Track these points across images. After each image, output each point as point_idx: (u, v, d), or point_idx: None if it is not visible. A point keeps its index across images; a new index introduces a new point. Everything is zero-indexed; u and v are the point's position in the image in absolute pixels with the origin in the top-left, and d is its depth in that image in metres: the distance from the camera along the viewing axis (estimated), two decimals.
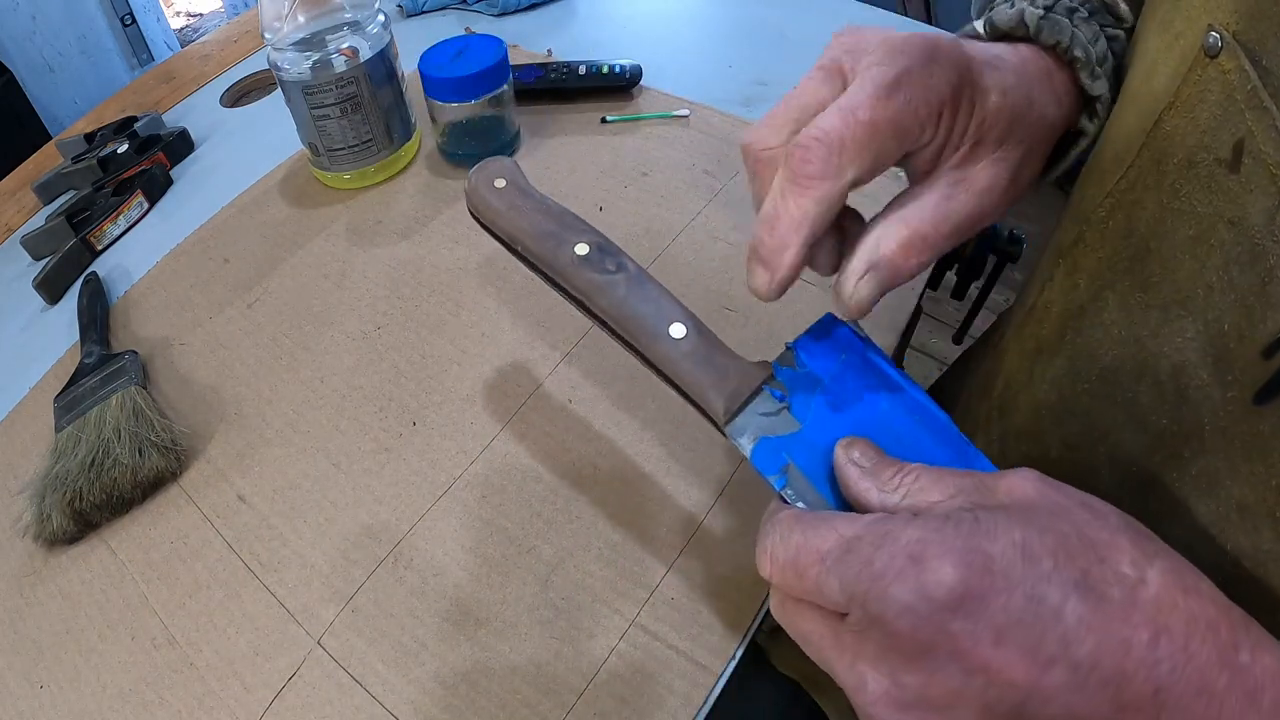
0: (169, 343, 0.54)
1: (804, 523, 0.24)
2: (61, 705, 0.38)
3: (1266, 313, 0.22)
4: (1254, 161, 0.22)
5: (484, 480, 0.44)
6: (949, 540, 0.21)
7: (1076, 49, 0.30)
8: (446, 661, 0.38)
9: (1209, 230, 0.24)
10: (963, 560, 0.20)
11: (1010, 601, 0.20)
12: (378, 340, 0.52)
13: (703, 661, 0.37)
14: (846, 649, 0.22)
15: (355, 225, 0.60)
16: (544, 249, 0.32)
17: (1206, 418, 0.25)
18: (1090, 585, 0.20)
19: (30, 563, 0.44)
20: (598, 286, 0.31)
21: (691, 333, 0.29)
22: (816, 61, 0.28)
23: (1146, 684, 0.20)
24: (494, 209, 0.34)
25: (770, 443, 0.27)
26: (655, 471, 0.44)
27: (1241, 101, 0.23)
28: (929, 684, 0.21)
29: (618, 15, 0.80)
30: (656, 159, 0.62)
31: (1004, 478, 0.23)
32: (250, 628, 0.40)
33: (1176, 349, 0.26)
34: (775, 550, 0.24)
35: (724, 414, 0.28)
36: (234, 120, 0.74)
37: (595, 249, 0.32)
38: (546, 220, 0.33)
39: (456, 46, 0.60)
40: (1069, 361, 0.32)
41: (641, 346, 0.30)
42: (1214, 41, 0.23)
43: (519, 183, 0.35)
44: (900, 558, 0.21)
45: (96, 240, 0.62)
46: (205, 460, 0.47)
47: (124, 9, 1.90)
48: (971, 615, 0.20)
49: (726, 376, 0.29)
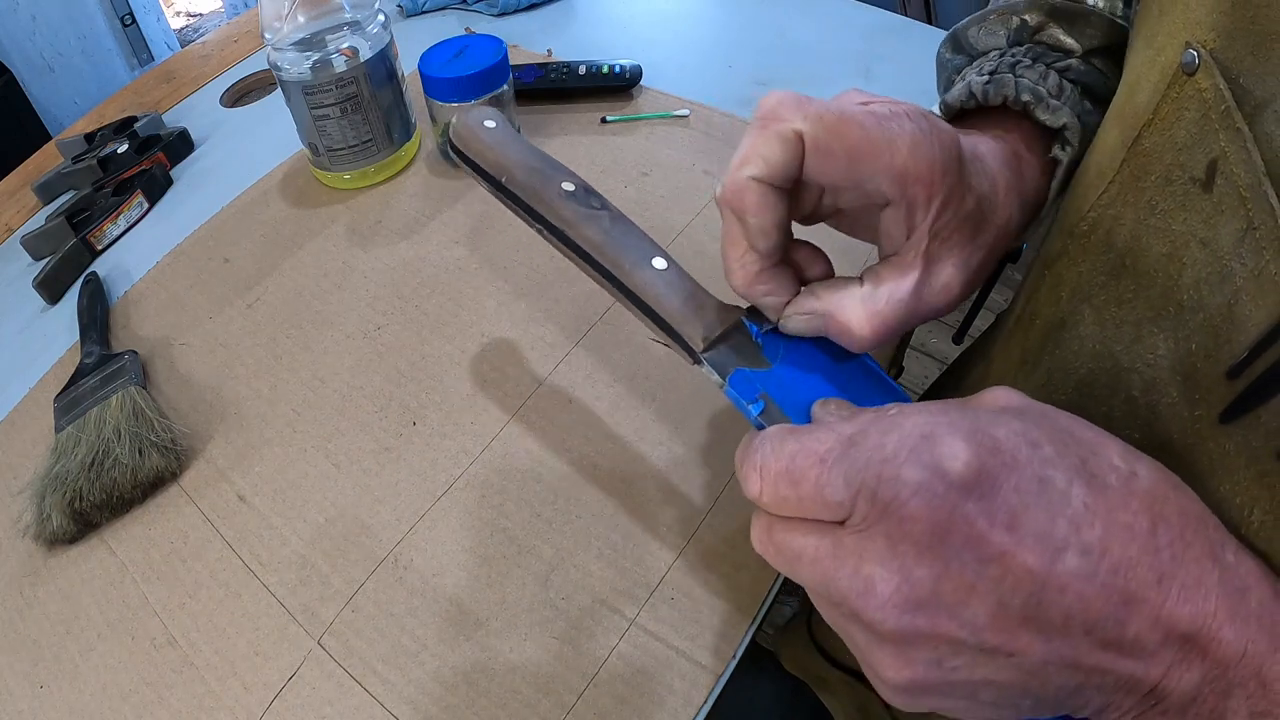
0: (169, 343, 0.54)
1: (798, 431, 0.23)
2: (61, 705, 0.38)
3: (1232, 334, 0.23)
4: (1226, 182, 0.22)
5: (484, 480, 0.44)
6: (957, 422, 0.21)
7: (1024, 94, 0.32)
8: (446, 661, 0.38)
9: (1182, 248, 0.24)
10: (973, 438, 0.20)
11: (1021, 482, 0.20)
12: (378, 340, 0.52)
13: (703, 661, 0.37)
14: (849, 553, 0.21)
15: (355, 225, 0.60)
16: (532, 180, 0.33)
17: (1175, 434, 0.25)
18: (1091, 472, 0.21)
19: (30, 563, 0.44)
20: (584, 216, 0.31)
21: (673, 267, 0.31)
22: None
23: (1150, 571, 0.20)
24: (483, 143, 0.34)
25: (745, 374, 0.28)
26: (655, 471, 0.44)
27: (1216, 121, 0.23)
28: (942, 576, 0.20)
29: (618, 15, 0.80)
30: (656, 159, 0.62)
31: (986, 393, 0.24)
32: (250, 628, 0.40)
33: (1148, 365, 0.26)
34: (767, 461, 0.23)
35: (701, 342, 0.29)
36: (234, 120, 0.74)
37: (580, 189, 0.33)
38: (533, 158, 0.34)
39: (456, 46, 0.60)
40: (1048, 373, 0.32)
41: (623, 275, 0.30)
42: (1191, 59, 0.23)
43: (506, 125, 0.36)
44: (912, 437, 0.21)
45: (96, 240, 0.62)
46: (205, 460, 0.47)
47: (124, 9, 1.90)
48: (985, 496, 0.20)
49: (704, 309, 0.30)
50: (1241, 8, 0.22)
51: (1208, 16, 0.23)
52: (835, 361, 0.29)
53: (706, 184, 0.60)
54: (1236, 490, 0.23)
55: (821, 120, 0.26)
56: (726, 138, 0.63)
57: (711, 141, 0.63)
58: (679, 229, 0.56)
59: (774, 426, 0.24)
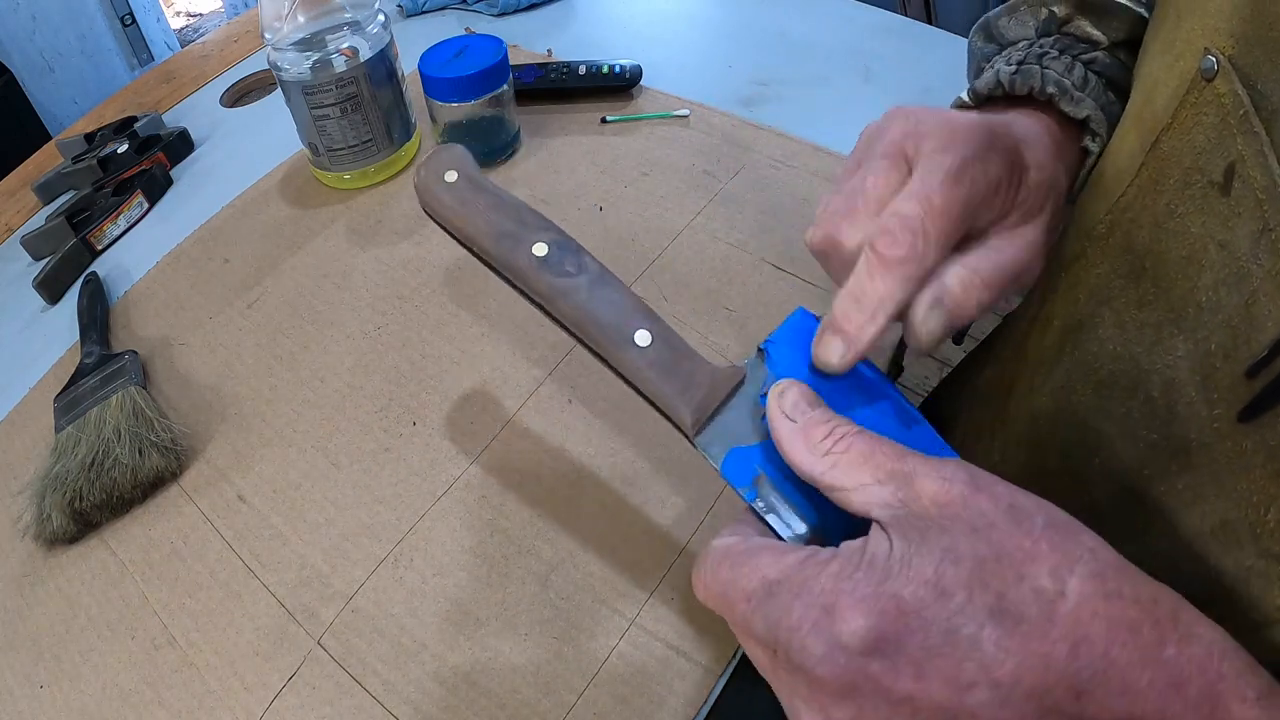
0: (169, 343, 0.54)
1: (731, 559, 0.24)
2: (61, 705, 0.38)
3: (1250, 334, 0.23)
4: (1243, 185, 0.23)
5: (484, 480, 0.44)
6: (860, 588, 0.21)
7: (1049, 86, 0.32)
8: (446, 661, 0.38)
9: (1200, 251, 0.25)
10: (874, 608, 0.21)
11: (927, 639, 0.21)
12: (378, 340, 0.52)
13: (703, 661, 0.37)
14: (783, 683, 0.23)
15: (355, 225, 0.60)
16: (501, 251, 0.30)
17: (1194, 434, 0.25)
18: (1005, 610, 0.21)
19: (30, 563, 0.44)
20: (559, 291, 0.29)
21: (657, 340, 0.28)
22: (879, 149, 0.29)
23: (1068, 692, 0.20)
24: (446, 206, 0.32)
25: (740, 453, 0.27)
26: (656, 471, 0.44)
27: (1234, 125, 0.23)
28: (859, 716, 0.22)
29: (618, 15, 0.80)
30: (656, 159, 0.62)
31: (931, 476, 0.23)
32: (250, 628, 0.40)
33: (1168, 365, 0.26)
34: (707, 582, 0.25)
35: (692, 426, 0.27)
36: (234, 120, 0.74)
37: (554, 248, 0.30)
38: (502, 218, 0.31)
39: (456, 46, 0.60)
40: (1067, 374, 0.32)
41: (605, 354, 0.29)
42: (1210, 65, 0.24)
43: (471, 174, 0.32)
44: (815, 609, 0.22)
45: (96, 240, 0.62)
46: (205, 460, 0.47)
47: (124, 9, 1.91)
48: (889, 655, 0.21)
49: (694, 384, 0.28)
50: (1260, 15, 0.22)
51: (1226, 24, 0.24)
52: (845, 405, 0.28)
53: (706, 184, 0.60)
54: (1254, 489, 0.23)
55: (939, 245, 0.27)
56: (726, 138, 0.63)
57: (711, 141, 0.63)
58: (679, 229, 0.56)
59: (715, 544, 0.25)
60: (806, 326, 0.29)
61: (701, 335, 0.50)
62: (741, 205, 0.58)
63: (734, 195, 0.58)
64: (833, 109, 0.65)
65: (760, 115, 0.65)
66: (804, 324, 0.29)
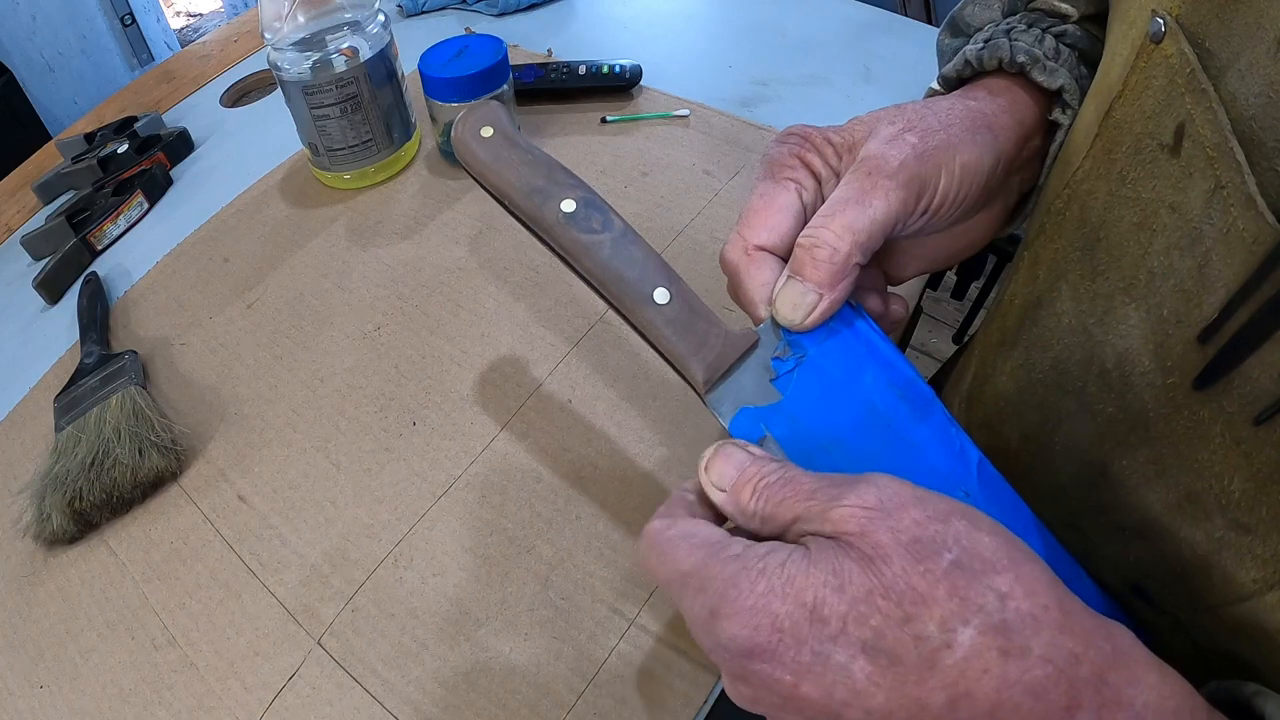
0: (169, 343, 0.54)
1: (658, 546, 0.25)
2: (61, 705, 0.38)
3: (1203, 296, 0.23)
4: (1193, 144, 0.23)
5: (484, 480, 0.44)
6: (742, 599, 0.22)
7: (1019, 55, 0.32)
8: (446, 661, 0.38)
9: (1152, 216, 0.24)
10: (749, 621, 0.22)
11: (799, 655, 0.21)
12: (378, 340, 0.52)
13: (703, 661, 0.37)
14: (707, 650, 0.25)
15: (355, 225, 0.60)
16: (530, 205, 0.31)
17: (1150, 405, 0.25)
18: (880, 648, 0.20)
19: (30, 563, 0.44)
20: (583, 247, 0.30)
21: (675, 298, 0.29)
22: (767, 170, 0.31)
23: None
24: (481, 161, 0.33)
25: (749, 413, 0.28)
26: (655, 471, 0.44)
27: (1182, 85, 0.23)
28: (757, 696, 0.23)
29: (618, 15, 0.80)
30: (656, 159, 0.62)
31: (843, 501, 0.23)
32: (250, 628, 0.40)
33: (1120, 336, 0.26)
34: (641, 563, 0.26)
35: (704, 384, 0.28)
36: (234, 120, 0.74)
37: (582, 205, 0.31)
38: (533, 174, 0.32)
39: (456, 46, 0.60)
40: (1025, 352, 0.32)
41: (625, 310, 0.30)
42: (1158, 27, 0.24)
43: (506, 130, 0.33)
44: (705, 611, 0.23)
45: (96, 240, 0.62)
46: (205, 460, 0.47)
47: (124, 9, 1.91)
48: (767, 661, 0.22)
49: (708, 344, 0.29)
50: None
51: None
52: (856, 378, 0.28)
53: (706, 184, 0.60)
54: (1215, 459, 0.23)
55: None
56: (726, 137, 0.63)
57: (711, 141, 0.63)
58: (679, 229, 0.56)
59: (651, 525, 0.26)
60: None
61: None
62: (741, 205, 0.57)
63: (734, 195, 0.58)
64: (833, 109, 0.65)
65: (760, 115, 0.65)
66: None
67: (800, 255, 0.27)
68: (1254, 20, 0.21)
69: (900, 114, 0.30)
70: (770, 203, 0.29)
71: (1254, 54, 0.21)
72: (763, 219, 0.29)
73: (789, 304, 0.28)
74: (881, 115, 0.30)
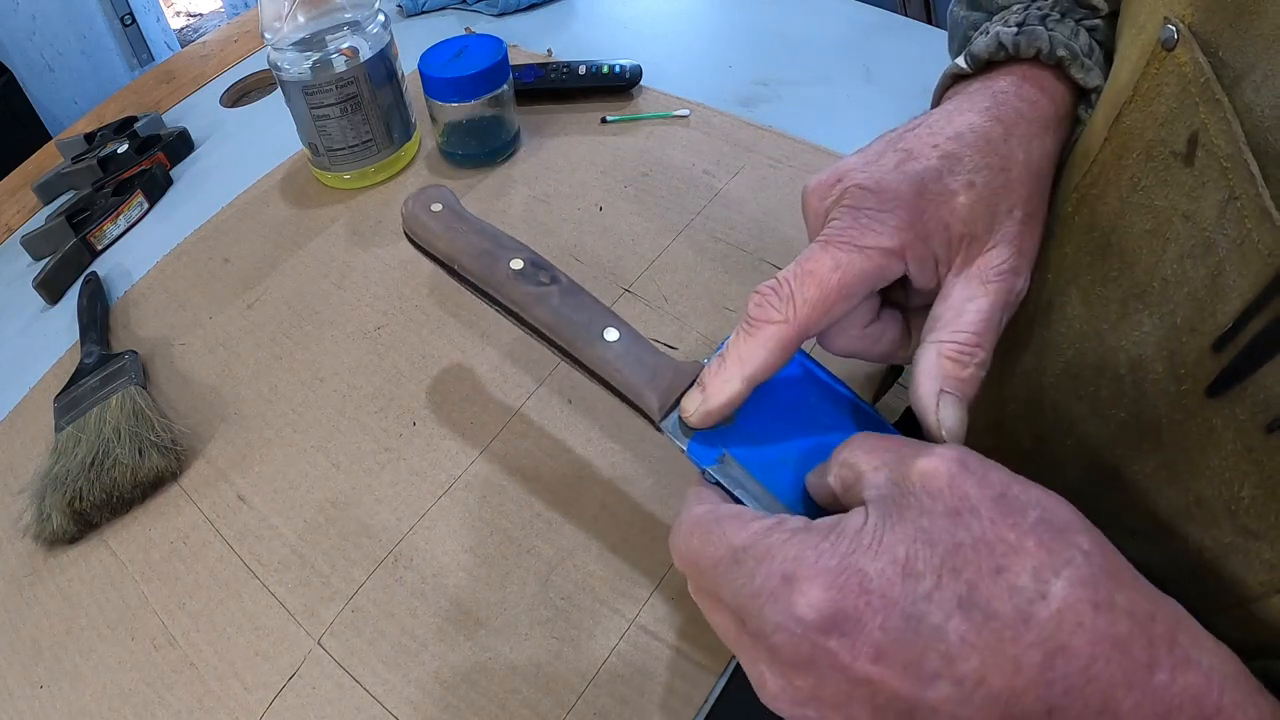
0: (169, 343, 0.54)
1: (701, 527, 0.24)
2: (61, 705, 0.38)
3: (1216, 305, 0.23)
4: (1206, 154, 0.22)
5: (484, 480, 0.44)
6: (824, 559, 0.21)
7: (1059, 49, 0.30)
8: (446, 661, 0.38)
9: (1165, 223, 0.24)
10: (834, 582, 0.20)
11: (887, 620, 0.20)
12: (378, 340, 0.52)
13: (703, 661, 0.37)
14: (746, 648, 0.23)
15: (355, 225, 0.60)
16: (480, 266, 0.34)
17: (1163, 411, 0.25)
18: (976, 602, 0.20)
19: (30, 563, 0.44)
20: (534, 298, 0.32)
21: (624, 336, 0.31)
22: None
23: (1038, 703, 0.19)
24: (431, 231, 0.36)
25: (705, 436, 0.28)
26: (655, 471, 0.44)
27: (1195, 94, 0.23)
28: (819, 687, 0.21)
29: (618, 15, 0.80)
30: (656, 159, 0.62)
31: (924, 455, 0.22)
32: (250, 628, 0.40)
33: (1134, 343, 0.26)
34: (681, 551, 0.25)
35: (659, 409, 0.29)
36: (234, 120, 0.74)
37: (529, 264, 0.33)
38: (481, 239, 0.35)
39: (456, 46, 0.60)
40: (1036, 356, 0.32)
41: (576, 351, 0.31)
42: (1170, 34, 0.23)
43: (454, 207, 0.37)
44: (775, 578, 0.21)
45: (96, 240, 0.62)
46: (205, 460, 0.47)
47: (124, 9, 1.91)
48: (847, 634, 0.20)
49: (660, 374, 0.30)
50: None
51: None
52: (801, 397, 0.29)
53: (706, 184, 0.60)
54: (1225, 466, 0.23)
55: (814, 316, 0.27)
56: (726, 138, 0.63)
57: (711, 141, 0.63)
58: (679, 229, 0.56)
59: (687, 514, 0.26)
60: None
61: (702, 335, 0.50)
62: (741, 205, 0.58)
63: (734, 195, 0.58)
64: (833, 109, 0.65)
65: (760, 115, 0.65)
66: None
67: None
68: (1270, 33, 0.21)
69: (1007, 195, 0.28)
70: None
71: (1270, 66, 0.21)
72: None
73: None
74: (994, 201, 0.28)
